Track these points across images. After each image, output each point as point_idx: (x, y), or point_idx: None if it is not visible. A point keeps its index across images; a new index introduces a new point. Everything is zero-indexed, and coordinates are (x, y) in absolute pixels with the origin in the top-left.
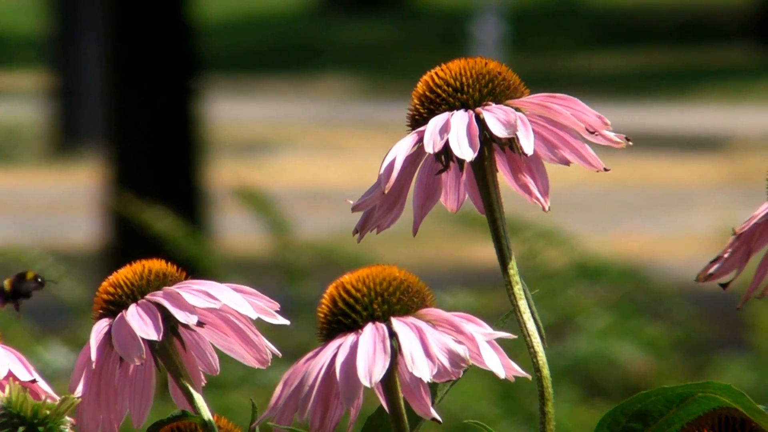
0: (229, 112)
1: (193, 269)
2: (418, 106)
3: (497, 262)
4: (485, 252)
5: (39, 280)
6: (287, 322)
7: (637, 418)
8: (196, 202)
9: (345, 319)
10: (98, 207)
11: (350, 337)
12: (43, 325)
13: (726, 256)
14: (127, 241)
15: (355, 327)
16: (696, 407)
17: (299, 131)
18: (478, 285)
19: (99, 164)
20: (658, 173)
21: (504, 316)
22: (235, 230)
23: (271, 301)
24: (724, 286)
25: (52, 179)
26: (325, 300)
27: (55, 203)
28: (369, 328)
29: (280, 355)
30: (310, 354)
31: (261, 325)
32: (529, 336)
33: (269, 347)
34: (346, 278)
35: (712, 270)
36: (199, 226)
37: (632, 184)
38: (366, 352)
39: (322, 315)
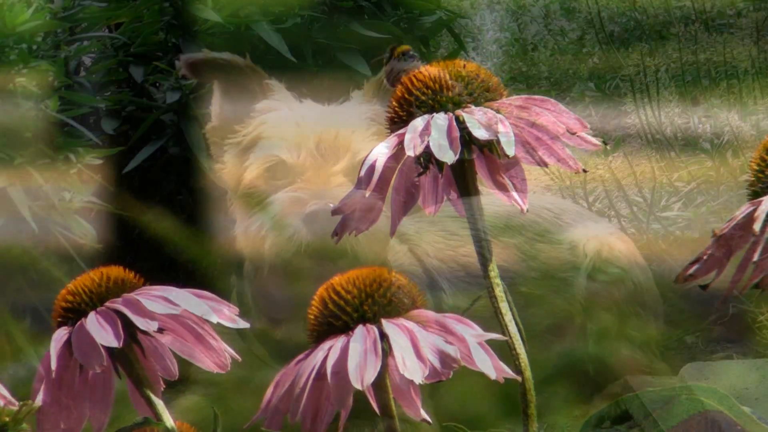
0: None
1: (194, 270)
2: (396, 109)
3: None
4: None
5: (411, 53)
6: (247, 325)
7: (621, 420)
8: (196, 203)
9: (336, 321)
10: (98, 207)
11: (341, 339)
12: (44, 325)
13: (705, 257)
14: (127, 241)
15: (346, 329)
16: (680, 409)
17: None
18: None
19: (99, 164)
20: (658, 173)
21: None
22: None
23: (231, 305)
24: (703, 287)
25: (52, 180)
26: (315, 302)
27: (55, 204)
28: (360, 331)
29: (239, 359)
30: (301, 356)
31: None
32: (511, 338)
33: (228, 351)
34: (336, 279)
35: (691, 271)
36: (199, 227)
37: (632, 184)
38: (357, 355)
39: (312, 317)
